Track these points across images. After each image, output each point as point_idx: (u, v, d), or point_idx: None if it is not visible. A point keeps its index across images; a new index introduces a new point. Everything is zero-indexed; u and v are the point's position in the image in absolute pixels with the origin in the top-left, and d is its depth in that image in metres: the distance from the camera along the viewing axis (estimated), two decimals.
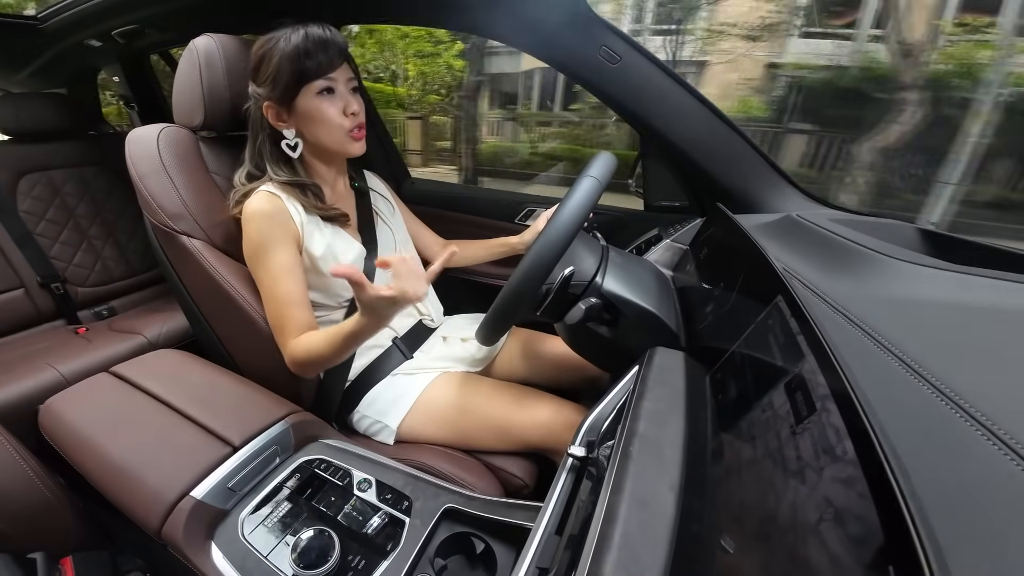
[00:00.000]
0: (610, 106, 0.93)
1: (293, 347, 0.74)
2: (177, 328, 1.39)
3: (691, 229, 1.00)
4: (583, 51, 0.87)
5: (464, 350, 0.98)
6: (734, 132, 0.91)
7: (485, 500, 0.62)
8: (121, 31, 1.31)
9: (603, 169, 0.66)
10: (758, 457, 0.36)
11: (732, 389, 0.47)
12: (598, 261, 0.72)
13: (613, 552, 0.31)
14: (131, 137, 0.80)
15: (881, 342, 0.36)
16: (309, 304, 0.79)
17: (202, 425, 0.69)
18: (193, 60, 0.80)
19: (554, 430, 0.83)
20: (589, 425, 0.54)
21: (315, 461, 0.68)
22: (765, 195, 0.93)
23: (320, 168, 0.87)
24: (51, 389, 1.01)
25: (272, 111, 0.78)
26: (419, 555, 0.56)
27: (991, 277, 0.42)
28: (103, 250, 1.62)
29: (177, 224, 0.78)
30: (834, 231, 0.63)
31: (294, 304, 0.76)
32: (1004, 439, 0.24)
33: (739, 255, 0.67)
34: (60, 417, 0.72)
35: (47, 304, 1.47)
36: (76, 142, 1.60)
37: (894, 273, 0.47)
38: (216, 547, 0.57)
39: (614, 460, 0.39)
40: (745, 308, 0.54)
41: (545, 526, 0.44)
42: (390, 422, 0.86)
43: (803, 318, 0.41)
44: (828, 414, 0.31)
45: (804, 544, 0.27)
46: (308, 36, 0.73)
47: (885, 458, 0.25)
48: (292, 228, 0.78)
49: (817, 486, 0.28)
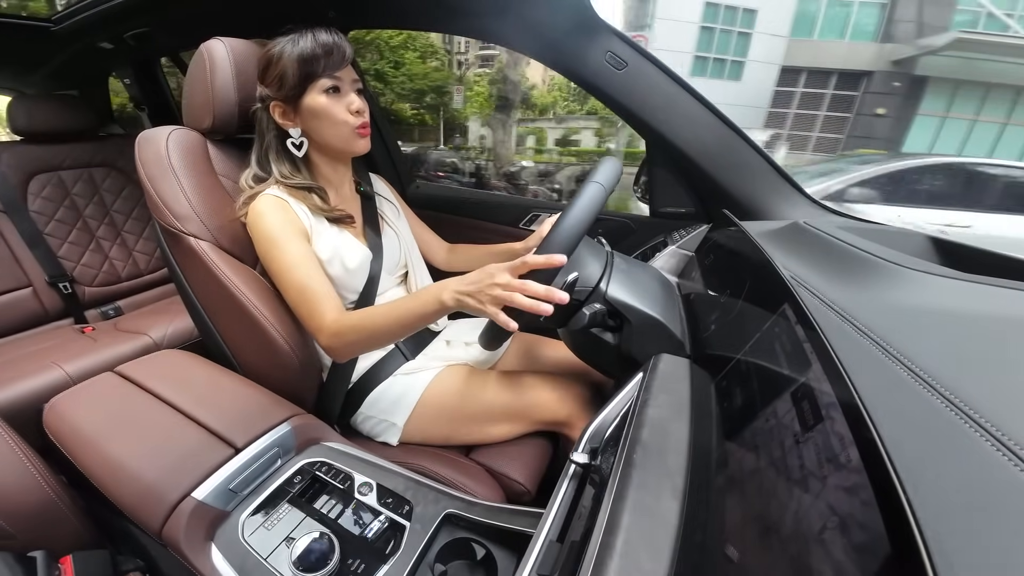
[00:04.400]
0: (616, 112, 0.93)
1: (337, 323, 0.72)
2: (182, 329, 1.39)
3: (697, 235, 1.00)
4: (589, 57, 0.87)
5: (467, 354, 0.98)
6: (741, 138, 0.90)
7: (486, 506, 0.62)
8: (133, 34, 1.33)
9: (609, 175, 0.66)
10: (763, 466, 0.35)
11: (737, 397, 0.47)
12: (603, 267, 0.72)
13: (615, 560, 0.30)
14: (141, 139, 0.81)
15: (889, 351, 0.35)
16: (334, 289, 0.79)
17: (205, 426, 0.69)
18: (203, 63, 0.80)
19: (565, 404, 0.85)
20: (592, 432, 0.53)
21: (316, 464, 0.68)
22: (772, 202, 0.92)
23: (326, 170, 0.87)
24: (56, 388, 1.02)
25: (278, 109, 0.79)
26: (419, 560, 0.56)
27: (1001, 286, 0.41)
28: (111, 250, 1.64)
29: (184, 225, 0.78)
30: (842, 239, 0.62)
31: (323, 284, 0.76)
32: (1013, 449, 0.23)
33: (745, 262, 0.67)
34: (64, 416, 0.72)
35: (54, 303, 1.48)
36: (86, 143, 1.62)
37: (902, 281, 0.47)
38: (216, 548, 0.56)
39: (617, 467, 0.39)
40: (751, 315, 0.54)
41: (547, 533, 0.43)
42: (396, 420, 0.86)
43: (810, 326, 0.40)
44: (834, 423, 0.31)
45: (809, 553, 0.26)
46: (316, 39, 0.74)
47: (892, 467, 0.25)
48: (301, 225, 0.79)
49: (823, 495, 0.28)
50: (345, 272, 0.84)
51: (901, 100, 12.82)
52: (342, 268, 0.83)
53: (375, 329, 0.71)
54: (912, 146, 12.45)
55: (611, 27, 0.85)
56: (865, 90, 13.40)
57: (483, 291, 0.60)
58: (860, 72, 13.35)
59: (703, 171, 0.92)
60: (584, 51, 0.87)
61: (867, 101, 13.42)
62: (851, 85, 13.58)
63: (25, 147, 1.50)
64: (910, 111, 12.76)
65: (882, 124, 13.19)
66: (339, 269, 0.83)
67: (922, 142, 12.49)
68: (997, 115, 11.94)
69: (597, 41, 0.86)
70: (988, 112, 11.98)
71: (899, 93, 12.85)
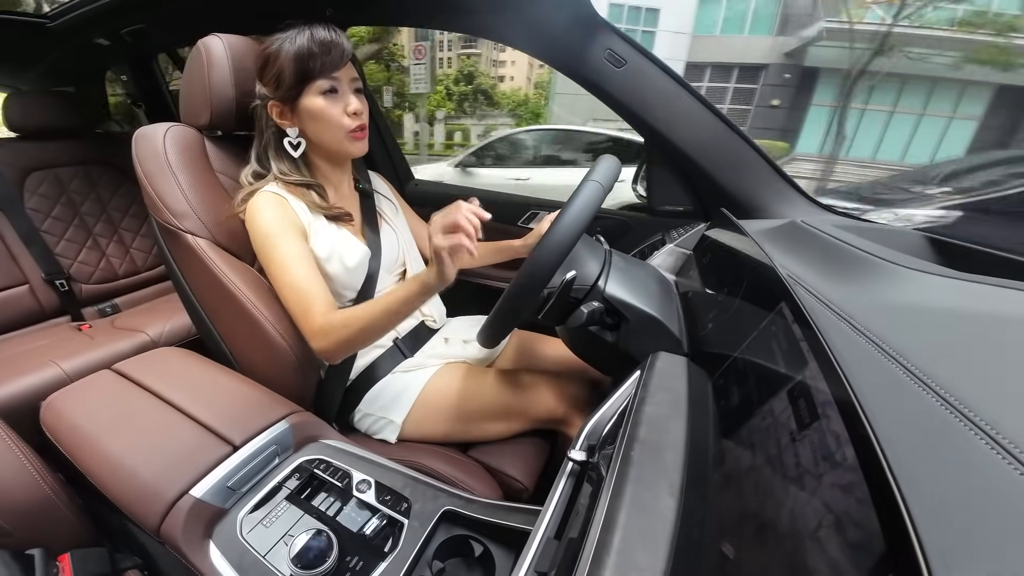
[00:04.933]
0: (615, 109, 0.93)
1: (325, 323, 0.72)
2: (180, 326, 1.39)
3: (695, 234, 1.00)
4: (588, 54, 0.87)
5: (465, 352, 0.98)
6: (739, 137, 0.90)
7: (484, 503, 0.62)
8: (129, 30, 1.32)
9: (607, 173, 0.66)
10: (760, 463, 0.35)
11: (734, 395, 0.47)
12: (601, 265, 0.72)
13: (612, 557, 0.30)
14: (138, 136, 0.81)
15: (885, 349, 0.35)
16: (328, 289, 0.79)
17: (203, 424, 0.69)
18: (200, 60, 0.80)
19: (563, 402, 0.86)
20: (590, 429, 0.53)
21: (315, 461, 0.68)
22: (770, 200, 0.92)
23: (324, 168, 0.87)
24: (53, 386, 1.01)
25: (276, 109, 0.79)
26: (417, 557, 0.56)
27: (998, 285, 0.41)
28: (108, 248, 1.63)
29: (182, 223, 0.78)
30: (839, 237, 0.62)
31: (315, 284, 0.76)
32: (1008, 448, 0.24)
33: (743, 260, 0.67)
34: (62, 414, 0.72)
35: (51, 301, 1.47)
36: (83, 140, 1.61)
37: (899, 280, 0.47)
38: (214, 546, 0.57)
39: (614, 465, 0.39)
40: (748, 314, 0.54)
41: (544, 530, 0.44)
42: (395, 417, 0.86)
43: (807, 324, 0.40)
44: (830, 421, 0.31)
45: (805, 551, 0.27)
46: (313, 37, 0.73)
47: (887, 465, 0.25)
48: (299, 224, 0.79)
49: (819, 493, 0.28)
50: (344, 270, 0.83)
51: (794, 91, 13.64)
52: (341, 266, 0.83)
53: (363, 321, 0.71)
54: (810, 134, 13.39)
55: (610, 25, 0.85)
56: (763, 83, 14.15)
57: (436, 250, 0.61)
58: (759, 65, 14.13)
59: (701, 169, 0.92)
60: (583, 49, 0.87)
61: (764, 93, 14.21)
62: (751, 79, 14.35)
63: (21, 144, 1.49)
64: (805, 101, 13.46)
65: (778, 115, 14.02)
66: (338, 267, 0.83)
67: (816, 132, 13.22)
68: (885, 103, 12.71)
69: (596, 39, 0.86)
70: (876, 101, 12.62)
71: (790, 85, 13.70)
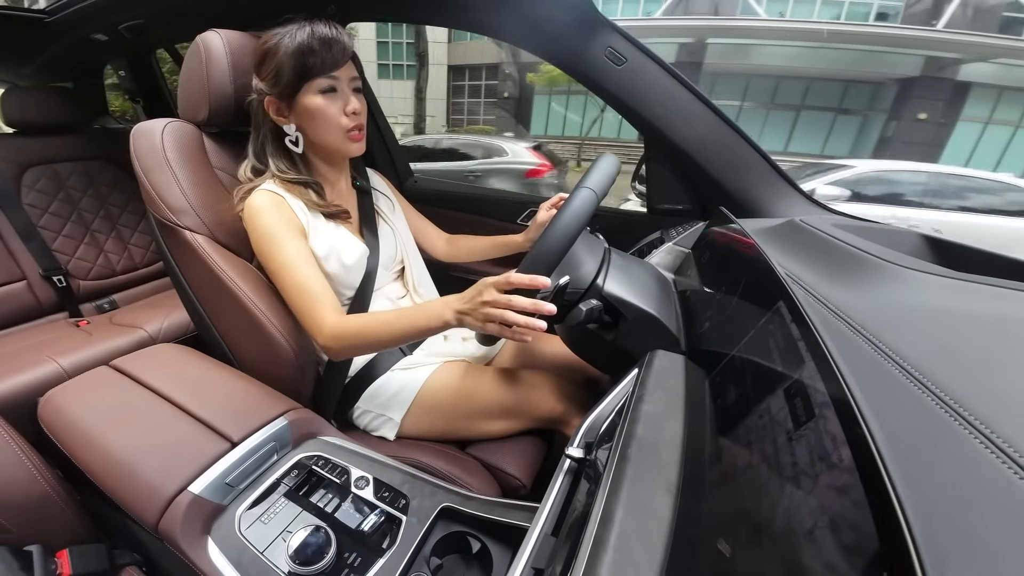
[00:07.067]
0: (614, 107, 0.93)
1: (337, 324, 0.72)
2: (178, 323, 1.39)
3: (693, 232, 1.00)
4: (588, 52, 0.87)
5: (464, 349, 0.98)
6: (738, 136, 0.90)
7: (482, 500, 0.62)
8: (128, 26, 1.32)
9: (602, 179, 0.67)
10: (756, 462, 0.36)
11: (731, 393, 0.47)
12: (599, 263, 0.72)
13: (609, 554, 0.30)
14: (136, 131, 0.80)
15: (882, 349, 0.35)
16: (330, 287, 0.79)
17: (201, 420, 0.69)
18: (199, 55, 0.80)
19: (561, 400, 0.86)
20: (587, 427, 0.54)
21: (313, 458, 0.68)
22: (768, 199, 0.92)
23: (321, 166, 0.87)
24: (51, 382, 1.02)
25: (273, 105, 0.78)
26: (415, 553, 0.56)
27: (994, 285, 0.41)
28: (106, 244, 1.63)
29: (180, 219, 0.78)
30: (837, 237, 0.62)
31: (319, 283, 0.76)
32: (1003, 447, 0.24)
33: (741, 259, 0.67)
34: (60, 410, 0.72)
35: (49, 297, 1.47)
36: (81, 136, 1.61)
37: (897, 280, 0.47)
38: (212, 542, 0.57)
39: (612, 462, 0.39)
40: (746, 313, 0.54)
41: (542, 526, 0.44)
42: (393, 415, 0.86)
43: (804, 323, 0.40)
44: (826, 420, 0.31)
45: (801, 550, 0.27)
46: (313, 34, 0.73)
47: (883, 465, 0.25)
48: (298, 223, 0.79)
49: (814, 492, 0.28)
50: (342, 268, 0.83)
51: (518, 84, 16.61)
52: (339, 264, 0.83)
53: (377, 337, 0.71)
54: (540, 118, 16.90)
55: (611, 22, 0.85)
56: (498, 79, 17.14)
57: (477, 309, 0.61)
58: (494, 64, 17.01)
59: (701, 168, 0.93)
60: (583, 46, 0.87)
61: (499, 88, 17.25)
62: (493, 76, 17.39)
63: (19, 139, 1.49)
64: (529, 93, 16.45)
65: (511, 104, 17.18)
66: (336, 265, 0.83)
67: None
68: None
69: (597, 36, 0.86)
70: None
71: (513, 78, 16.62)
